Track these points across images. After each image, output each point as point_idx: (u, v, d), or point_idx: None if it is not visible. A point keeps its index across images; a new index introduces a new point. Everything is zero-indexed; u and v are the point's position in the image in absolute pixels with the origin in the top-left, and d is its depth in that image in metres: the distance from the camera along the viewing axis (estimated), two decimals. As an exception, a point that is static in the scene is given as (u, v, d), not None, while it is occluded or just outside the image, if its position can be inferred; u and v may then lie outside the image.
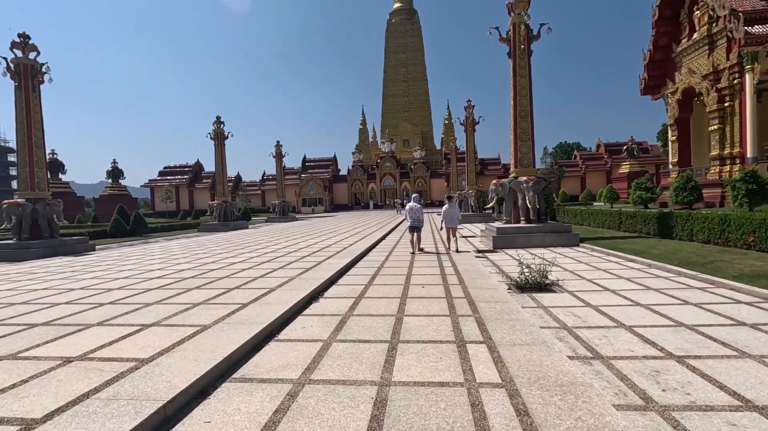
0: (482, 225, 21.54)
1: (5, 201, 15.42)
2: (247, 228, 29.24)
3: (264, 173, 76.63)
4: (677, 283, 6.94)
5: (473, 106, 28.65)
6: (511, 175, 14.40)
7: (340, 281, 7.61)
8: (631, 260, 9.30)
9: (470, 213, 27.92)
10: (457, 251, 11.56)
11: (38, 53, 16.01)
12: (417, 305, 5.71)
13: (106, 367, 3.37)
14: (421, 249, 11.86)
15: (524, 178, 13.36)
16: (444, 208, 12.38)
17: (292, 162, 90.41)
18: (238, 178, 77.34)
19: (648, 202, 21.48)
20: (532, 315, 5.32)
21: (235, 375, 3.44)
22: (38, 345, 3.99)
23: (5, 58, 15.16)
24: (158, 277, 8.04)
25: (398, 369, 3.49)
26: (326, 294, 6.58)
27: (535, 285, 6.90)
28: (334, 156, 77.38)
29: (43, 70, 16.00)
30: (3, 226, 15.28)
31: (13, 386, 3.07)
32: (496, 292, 6.43)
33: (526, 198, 13.16)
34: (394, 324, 4.83)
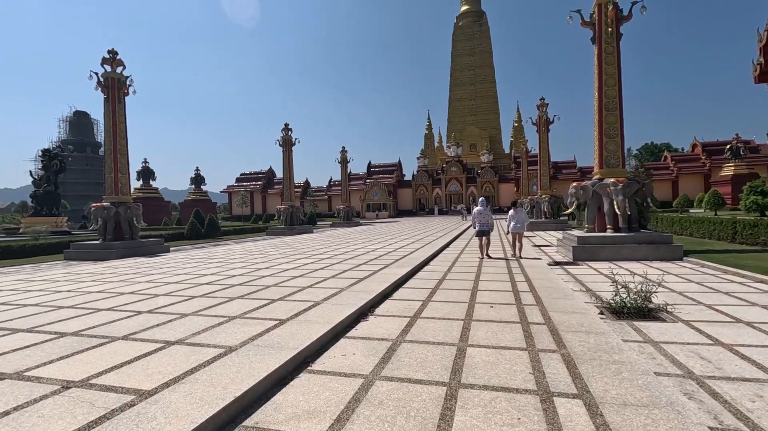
0: (558, 234, 19.48)
1: (93, 204, 16.70)
2: (312, 232, 29.57)
3: (330, 179, 78.57)
4: None
5: (547, 105, 26.46)
6: (594, 177, 12.61)
7: (395, 295, 6.75)
8: (762, 281, 7.36)
9: (543, 220, 25.73)
10: (521, 257, 11.31)
11: (124, 67, 17.23)
12: (484, 331, 4.66)
13: (99, 400, 2.81)
14: (488, 256, 11.54)
15: (611, 180, 11.56)
16: (510, 212, 12.11)
17: (358, 167, 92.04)
18: (307, 183, 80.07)
19: (766, 208, 18.05)
20: (639, 355, 4.04)
21: (246, 423, 2.71)
22: (49, 362, 3.60)
23: (96, 73, 16.47)
24: (208, 283, 7.77)
25: (458, 433, 2.53)
26: (378, 310, 5.74)
27: (635, 310, 5.51)
28: (399, 161, 77.19)
29: (128, 83, 17.17)
30: (91, 227, 16.52)
31: (-8, 419, 2.59)
32: (585, 318, 5.15)
33: (614, 203, 11.36)
34: (454, 357, 3.85)
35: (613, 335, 4.49)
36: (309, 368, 3.67)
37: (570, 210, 12.81)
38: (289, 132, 31.67)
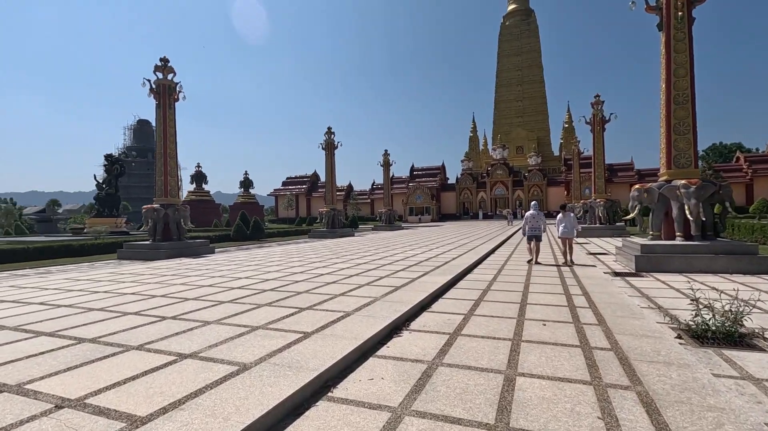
0: (614, 241, 17.93)
1: (145, 206, 17.37)
2: (353, 236, 29.43)
3: (373, 182, 78.76)
4: None
5: (602, 102, 24.70)
6: (660, 179, 11.32)
7: (434, 306, 6.15)
8: None
9: (598, 225, 23.95)
10: (572, 263, 10.95)
11: (174, 74, 17.86)
12: (537, 355, 3.98)
13: (85, 427, 2.47)
14: (537, 262, 11.25)
15: (682, 182, 10.26)
16: (558, 217, 11.68)
17: (401, 171, 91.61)
18: (350, 187, 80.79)
19: None
20: (740, 397, 3.21)
21: (245, 467, 2.25)
22: (55, 374, 3.37)
23: (148, 80, 17.17)
24: (240, 287, 7.56)
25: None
26: (413, 323, 5.18)
27: (722, 335, 4.57)
28: (442, 164, 75.98)
29: (178, 89, 17.78)
30: (142, 229, 17.18)
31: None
32: (661, 344, 4.31)
33: (686, 207, 10.07)
34: (501, 389, 3.22)
35: (701, 368, 3.66)
36: (329, 394, 3.18)
37: (632, 215, 11.56)
38: (332, 135, 31.81)
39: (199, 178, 56.21)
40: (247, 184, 65.11)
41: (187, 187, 57.38)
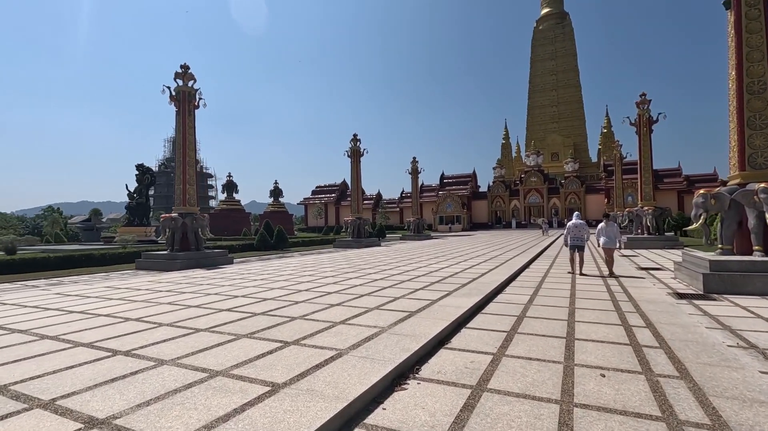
0: (668, 254, 15.88)
1: (163, 215, 17.00)
2: (379, 245, 28.36)
3: (402, 191, 77.70)
4: None
5: (649, 101, 22.62)
6: (731, 182, 9.59)
7: (455, 340, 4.91)
8: None
9: (646, 236, 21.76)
10: (613, 275, 10.46)
11: (195, 81, 17.53)
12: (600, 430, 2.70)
13: None
14: (583, 274, 10.74)
15: (761, 185, 8.53)
16: (600, 226, 11.21)
17: (430, 179, 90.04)
18: (379, 196, 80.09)
19: None
20: None
21: None
22: None
23: (168, 87, 16.89)
24: (229, 308, 6.58)
25: None
26: (426, 367, 3.98)
27: None
28: (474, 172, 73.98)
29: (198, 96, 17.43)
30: (160, 238, 16.79)
31: None
32: (787, 417, 2.91)
33: (766, 216, 8.34)
34: None
35: None
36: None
37: (696, 225, 9.84)
38: (358, 143, 31.05)
39: (229, 187, 56.99)
40: (276, 192, 65.52)
41: (219, 197, 58.37)
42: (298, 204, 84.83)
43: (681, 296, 8.10)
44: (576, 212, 12.04)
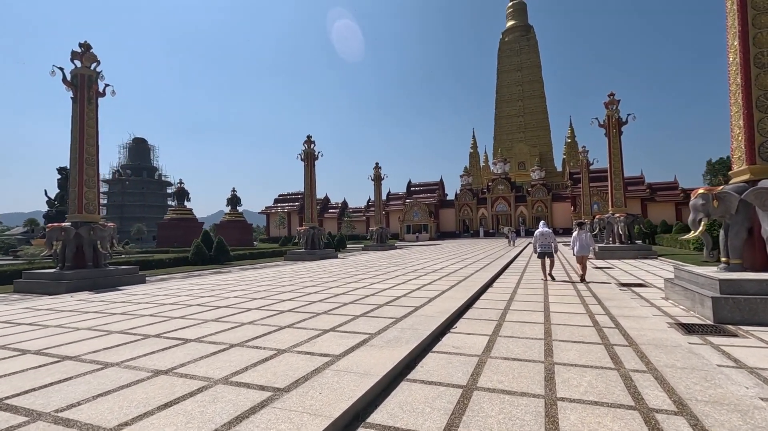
0: (644, 265, 14.04)
1: (50, 224, 13.81)
2: (336, 257, 25.73)
3: (369, 199, 75.35)
4: None
5: (618, 101, 21.28)
6: (735, 179, 7.71)
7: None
8: None
9: (617, 245, 20.17)
10: (585, 280, 10.80)
11: (98, 63, 14.56)
12: None
13: None
14: (551, 276, 11.24)
15: (781, 182, 6.63)
16: (574, 234, 11.47)
17: (398, 187, 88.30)
18: (344, 204, 77.38)
19: None
20: None
21: None
22: None
23: (61, 68, 13.83)
24: (75, 357, 3.87)
25: None
26: None
27: None
28: (441, 180, 72.56)
29: (99, 78, 14.43)
30: (44, 254, 13.58)
31: None
32: None
33: (790, 221, 6.42)
34: None
35: None
36: None
37: (695, 234, 7.86)
38: (312, 145, 28.47)
39: (180, 194, 52.96)
40: (234, 201, 61.52)
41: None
42: (259, 213, 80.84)
43: (688, 330, 6.00)
44: (542, 221, 12.37)
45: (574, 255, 11.42)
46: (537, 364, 4.23)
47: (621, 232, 20.22)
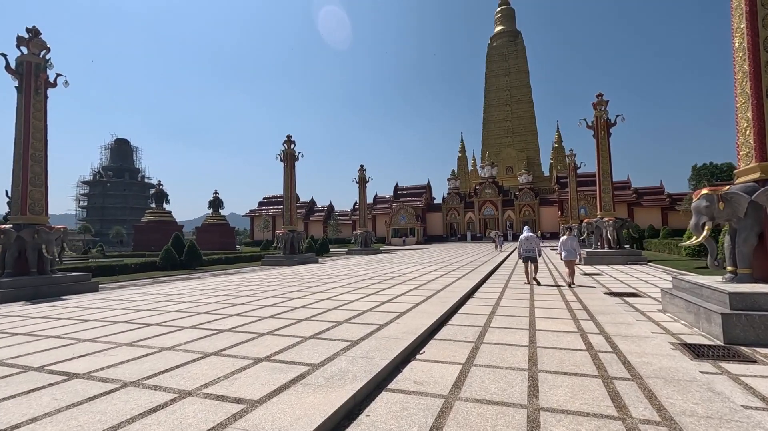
0: (634, 271, 13.19)
1: (-15, 227, 12.47)
2: (316, 262, 24.57)
3: (355, 203, 74.22)
4: None
5: (607, 102, 20.64)
6: (742, 179, 6.87)
7: None
8: None
9: (606, 249, 19.42)
10: (572, 285, 10.57)
11: (48, 50, 13.30)
12: None
13: None
14: (536, 280, 11.23)
15: (798, 181, 5.79)
16: (561, 239, 11.31)
17: (385, 190, 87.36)
18: (331, 207, 76.12)
19: None
20: None
21: None
22: None
23: (4, 55, 12.56)
24: None
25: None
26: None
27: None
28: (428, 183, 71.81)
29: (48, 66, 13.16)
30: (-18, 257, 12.23)
31: None
32: None
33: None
34: None
35: None
36: None
37: (698, 240, 7.00)
38: (292, 145, 27.33)
39: (159, 196, 51.23)
40: (216, 203, 59.86)
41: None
42: (243, 216, 79.07)
43: (696, 353, 5.07)
44: (526, 226, 12.47)
45: (561, 260, 11.39)
46: (518, 411, 3.24)
47: (610, 237, 19.49)
